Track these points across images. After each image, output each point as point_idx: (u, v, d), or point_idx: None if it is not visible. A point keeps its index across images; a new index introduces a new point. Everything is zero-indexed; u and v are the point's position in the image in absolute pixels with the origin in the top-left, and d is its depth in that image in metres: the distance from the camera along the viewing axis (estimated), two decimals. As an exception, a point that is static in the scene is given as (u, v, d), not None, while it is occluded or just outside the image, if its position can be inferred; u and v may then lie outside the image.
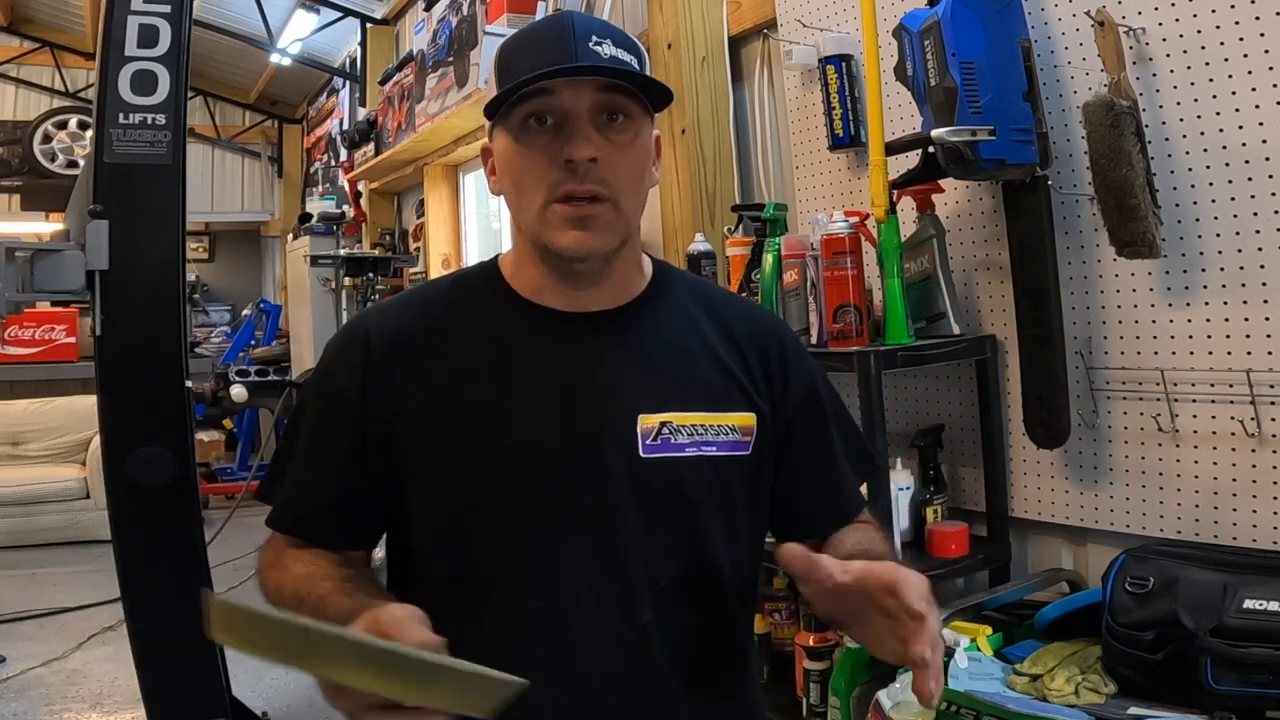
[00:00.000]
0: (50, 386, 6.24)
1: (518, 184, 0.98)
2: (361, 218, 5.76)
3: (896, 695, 1.43)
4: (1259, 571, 1.37)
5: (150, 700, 2.01)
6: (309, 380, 1.11)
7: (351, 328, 1.08)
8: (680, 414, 1.00)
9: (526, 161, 0.97)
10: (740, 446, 1.03)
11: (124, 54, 1.98)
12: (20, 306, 1.98)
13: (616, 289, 1.04)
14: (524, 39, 1.01)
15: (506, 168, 1.00)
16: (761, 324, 1.13)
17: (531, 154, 0.96)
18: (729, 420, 1.03)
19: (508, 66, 0.98)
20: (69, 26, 7.60)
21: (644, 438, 0.99)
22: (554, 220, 0.96)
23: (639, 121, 0.99)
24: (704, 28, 2.58)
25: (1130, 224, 1.51)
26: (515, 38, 1.03)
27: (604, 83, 0.95)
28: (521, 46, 0.99)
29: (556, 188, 0.95)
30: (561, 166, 0.95)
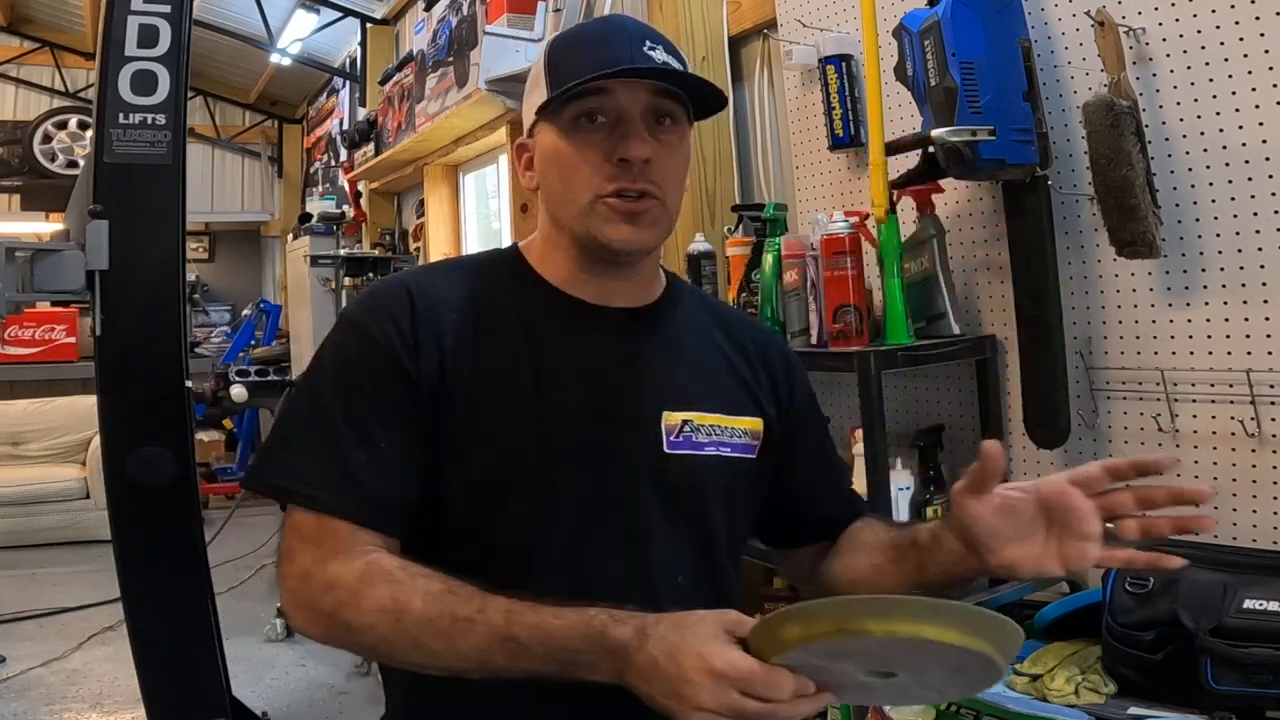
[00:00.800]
0: (50, 386, 6.24)
1: (565, 178, 0.99)
2: (361, 218, 5.76)
3: (896, 695, 1.43)
4: (1259, 571, 1.37)
5: (150, 700, 2.01)
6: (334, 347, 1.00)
7: (389, 290, 1.02)
8: (700, 413, 1.04)
9: (578, 157, 0.98)
10: (749, 450, 1.07)
11: (124, 54, 1.98)
12: (20, 306, 1.99)
13: (641, 288, 1.08)
14: (576, 40, 1.03)
15: (552, 162, 1.01)
16: (764, 335, 1.20)
17: (583, 150, 0.98)
18: (742, 424, 1.07)
19: (560, 65, 1.00)
20: (69, 26, 7.61)
21: (668, 434, 1.01)
22: (604, 214, 0.98)
23: (684, 126, 1.02)
24: (704, 28, 2.59)
25: (1130, 224, 1.51)
26: (566, 38, 1.05)
27: (658, 86, 0.99)
28: (575, 47, 1.01)
29: (608, 185, 0.97)
30: (614, 164, 0.97)
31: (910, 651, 0.74)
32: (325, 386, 0.97)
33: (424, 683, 0.94)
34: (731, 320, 1.17)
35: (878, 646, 0.74)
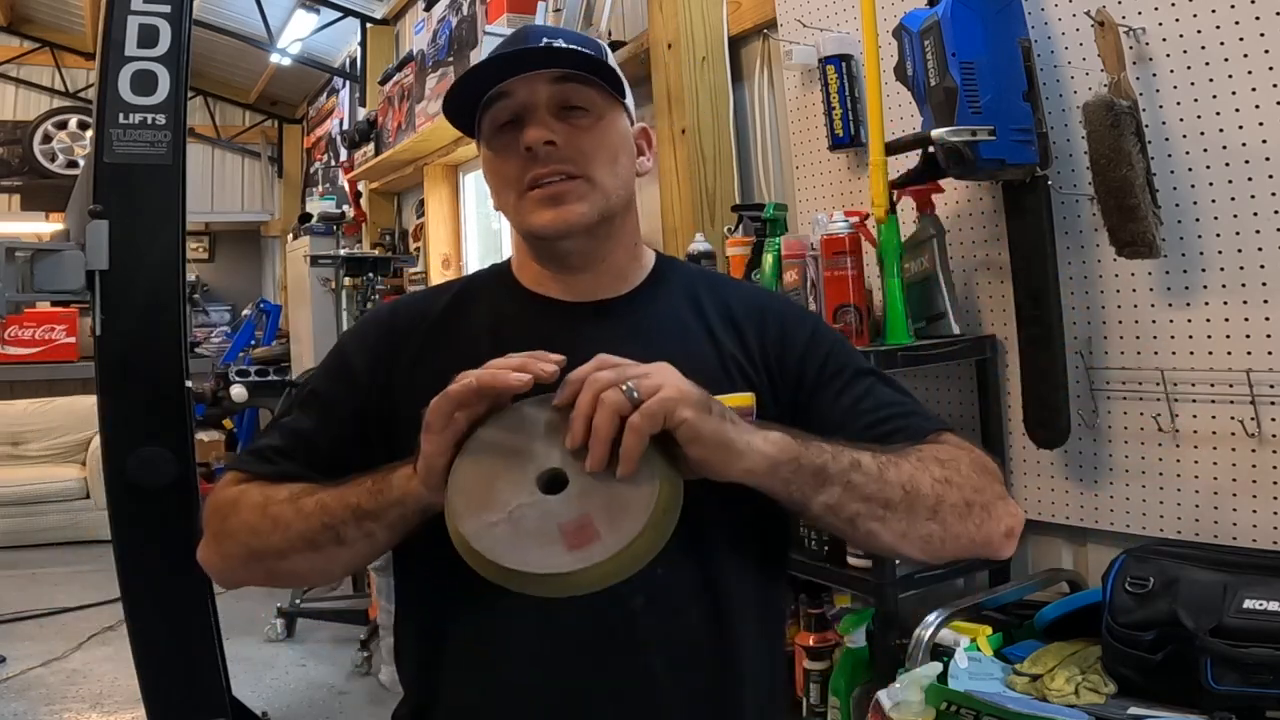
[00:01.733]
0: (50, 386, 6.24)
1: (496, 185, 1.04)
2: (361, 218, 5.76)
3: (896, 695, 1.43)
4: (1259, 571, 1.37)
5: (150, 700, 2.01)
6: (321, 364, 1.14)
7: (374, 314, 1.15)
8: None
9: (499, 161, 1.02)
10: None
11: (124, 54, 1.98)
12: (20, 306, 1.98)
13: (614, 278, 1.07)
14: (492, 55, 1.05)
15: (487, 173, 1.05)
16: (759, 299, 1.13)
17: (501, 153, 1.02)
18: (727, 401, 0.98)
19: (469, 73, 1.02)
20: (69, 26, 7.60)
21: None
22: (528, 206, 1.01)
23: (603, 109, 1.02)
24: (704, 28, 2.58)
25: (1130, 224, 1.51)
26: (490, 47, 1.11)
27: (557, 74, 0.99)
28: (486, 60, 1.03)
29: (524, 175, 1.00)
30: (523, 156, 0.99)
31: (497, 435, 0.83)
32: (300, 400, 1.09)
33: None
34: (727, 290, 1.11)
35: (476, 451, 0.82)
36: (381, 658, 3.27)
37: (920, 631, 1.58)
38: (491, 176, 1.05)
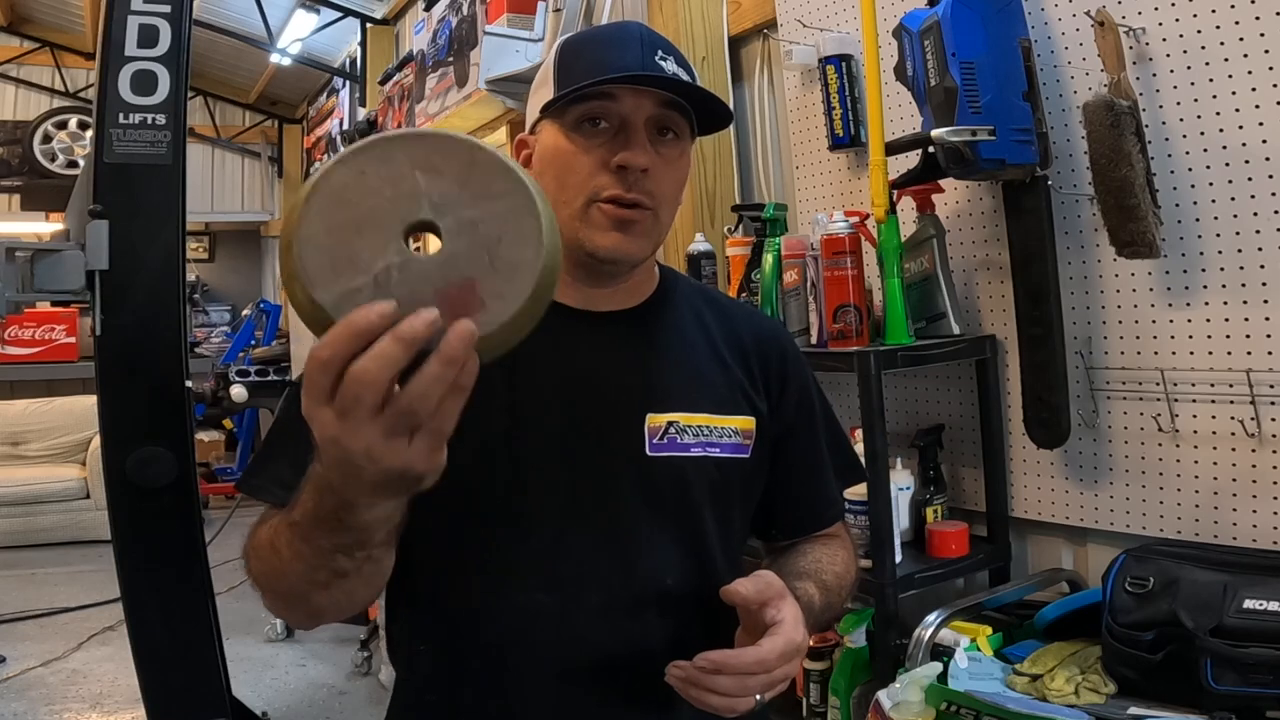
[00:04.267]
0: (50, 386, 6.24)
1: (561, 179, 0.98)
2: (361, 218, 5.76)
3: (896, 695, 1.43)
4: (1259, 571, 1.37)
5: (150, 700, 2.01)
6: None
7: None
8: (687, 414, 1.01)
9: (577, 158, 0.97)
10: (741, 449, 1.05)
11: (124, 54, 1.98)
12: (20, 306, 1.98)
13: (630, 292, 1.06)
14: (588, 42, 1.02)
15: (550, 161, 0.99)
16: (765, 328, 1.16)
17: (582, 153, 0.97)
18: (732, 423, 1.05)
19: (570, 66, 0.98)
20: (69, 26, 7.61)
21: (651, 436, 1.00)
22: (596, 219, 0.97)
23: (685, 141, 1.02)
24: (704, 28, 2.58)
25: (1130, 224, 1.51)
26: (578, 39, 1.03)
27: (664, 97, 0.97)
28: (586, 49, 1.00)
29: (603, 190, 0.96)
30: (612, 170, 0.96)
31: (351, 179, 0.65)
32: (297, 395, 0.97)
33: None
34: (731, 314, 1.14)
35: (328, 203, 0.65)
36: (381, 658, 3.27)
37: (920, 631, 1.58)
38: (554, 166, 0.99)
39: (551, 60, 1.02)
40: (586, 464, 0.98)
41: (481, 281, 0.67)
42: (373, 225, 0.65)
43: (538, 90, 1.03)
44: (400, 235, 0.66)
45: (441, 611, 0.98)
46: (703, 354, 1.07)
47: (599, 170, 0.96)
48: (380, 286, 0.65)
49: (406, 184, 0.66)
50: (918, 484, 1.91)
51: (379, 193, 0.66)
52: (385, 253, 0.65)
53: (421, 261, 0.66)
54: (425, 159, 0.67)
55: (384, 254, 0.65)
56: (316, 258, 0.65)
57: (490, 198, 0.68)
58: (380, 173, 0.66)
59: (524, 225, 0.68)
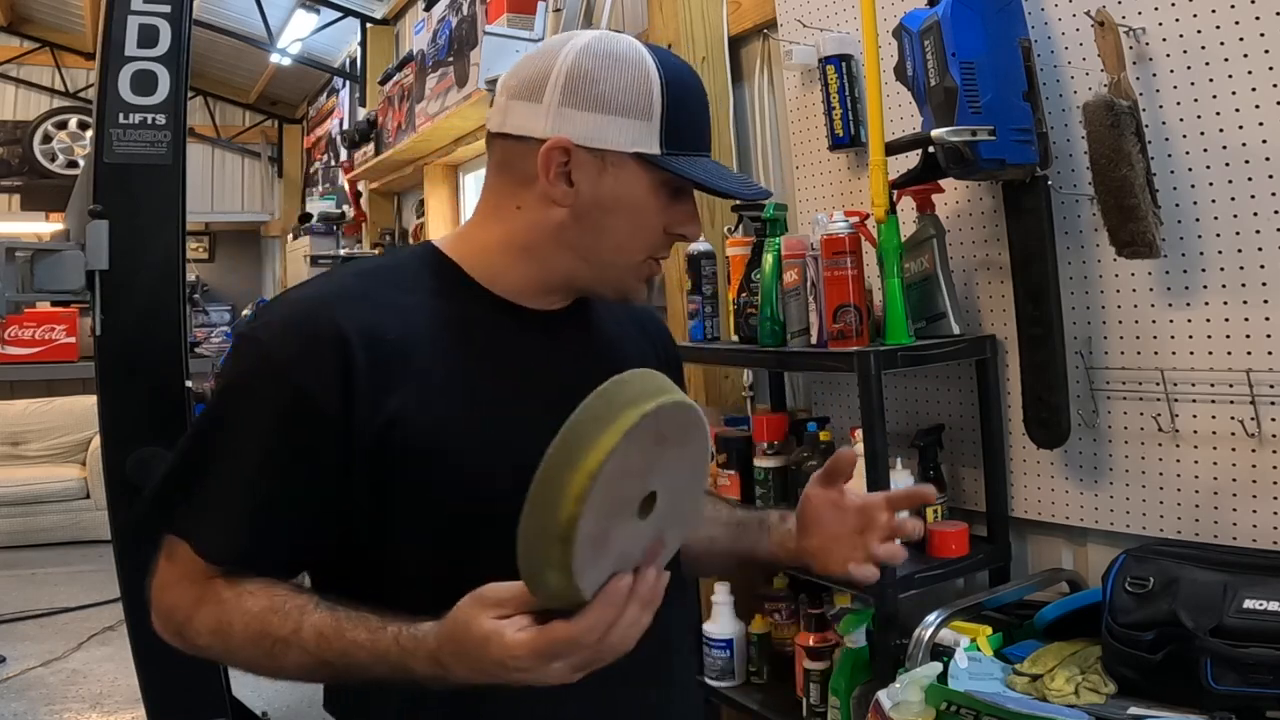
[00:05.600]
0: (50, 386, 6.24)
1: (636, 232, 0.98)
2: (361, 218, 5.76)
3: (896, 695, 1.43)
4: (1259, 571, 1.37)
5: (150, 700, 2.01)
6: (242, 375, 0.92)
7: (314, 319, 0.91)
8: None
9: (654, 219, 0.98)
10: None
11: (124, 54, 1.98)
12: (20, 306, 1.99)
13: None
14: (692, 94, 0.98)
15: (624, 209, 0.96)
16: (653, 315, 1.24)
17: (660, 214, 0.98)
18: None
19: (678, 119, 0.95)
20: (69, 26, 7.60)
21: None
22: (643, 272, 1.01)
23: None
24: (704, 28, 2.58)
25: (1130, 224, 1.51)
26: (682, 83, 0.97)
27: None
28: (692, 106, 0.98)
29: (660, 250, 1.00)
30: (670, 235, 1.00)
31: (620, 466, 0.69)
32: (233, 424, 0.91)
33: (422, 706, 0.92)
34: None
35: (601, 496, 0.68)
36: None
37: (920, 631, 1.58)
38: (631, 218, 0.96)
39: (656, 93, 0.94)
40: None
41: (667, 532, 0.76)
42: (623, 508, 0.71)
43: (623, 114, 0.93)
44: (636, 511, 0.72)
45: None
46: (633, 342, 1.13)
47: (662, 232, 1.00)
48: (619, 559, 0.72)
49: (648, 459, 0.72)
50: (917, 484, 1.91)
51: (632, 475, 0.71)
52: (627, 530, 0.72)
53: (640, 526, 0.73)
54: (660, 433, 0.72)
55: (626, 532, 0.72)
56: (586, 550, 0.68)
57: (685, 446, 0.76)
58: (635, 456, 0.70)
59: (698, 478, 0.79)
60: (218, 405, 0.95)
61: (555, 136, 0.93)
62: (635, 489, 0.71)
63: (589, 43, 0.95)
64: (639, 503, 0.72)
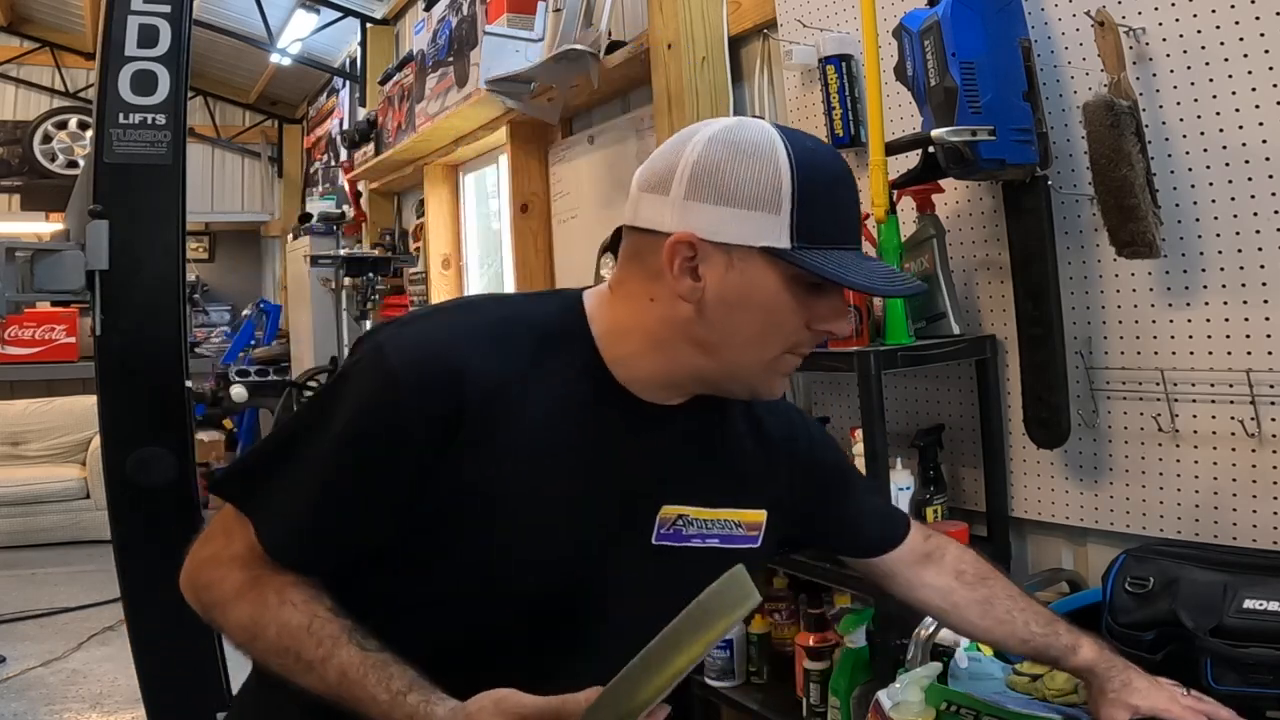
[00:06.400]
0: (50, 386, 6.25)
1: (768, 328, 0.93)
2: (361, 218, 5.76)
3: (896, 695, 1.43)
4: (1259, 571, 1.37)
5: (150, 700, 2.01)
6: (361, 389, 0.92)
7: (444, 357, 0.91)
8: (696, 508, 1.03)
9: (792, 316, 0.93)
10: (749, 540, 1.08)
11: (124, 54, 1.98)
12: (20, 306, 1.99)
13: None
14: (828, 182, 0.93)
15: (759, 305, 0.92)
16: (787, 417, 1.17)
17: (800, 313, 0.93)
18: (737, 516, 1.06)
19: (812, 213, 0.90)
20: (69, 26, 7.60)
21: (659, 527, 1.01)
22: (780, 368, 0.97)
23: None
24: (704, 28, 2.58)
25: (1130, 224, 1.51)
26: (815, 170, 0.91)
27: None
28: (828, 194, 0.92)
29: (800, 346, 0.96)
30: (814, 330, 0.95)
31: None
32: (335, 431, 0.91)
33: None
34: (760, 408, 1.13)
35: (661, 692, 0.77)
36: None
37: (920, 631, 1.58)
38: (766, 316, 0.92)
39: (786, 184, 0.90)
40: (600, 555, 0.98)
41: None
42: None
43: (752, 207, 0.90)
44: None
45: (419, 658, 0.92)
46: (731, 447, 1.08)
47: (801, 328, 0.95)
48: None
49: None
50: (918, 484, 1.91)
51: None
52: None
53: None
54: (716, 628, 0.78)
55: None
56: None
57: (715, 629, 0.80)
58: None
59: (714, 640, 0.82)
60: (330, 402, 0.94)
61: (680, 231, 0.91)
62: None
63: (717, 132, 0.93)
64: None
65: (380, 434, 0.89)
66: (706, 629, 0.77)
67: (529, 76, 2.90)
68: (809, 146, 0.93)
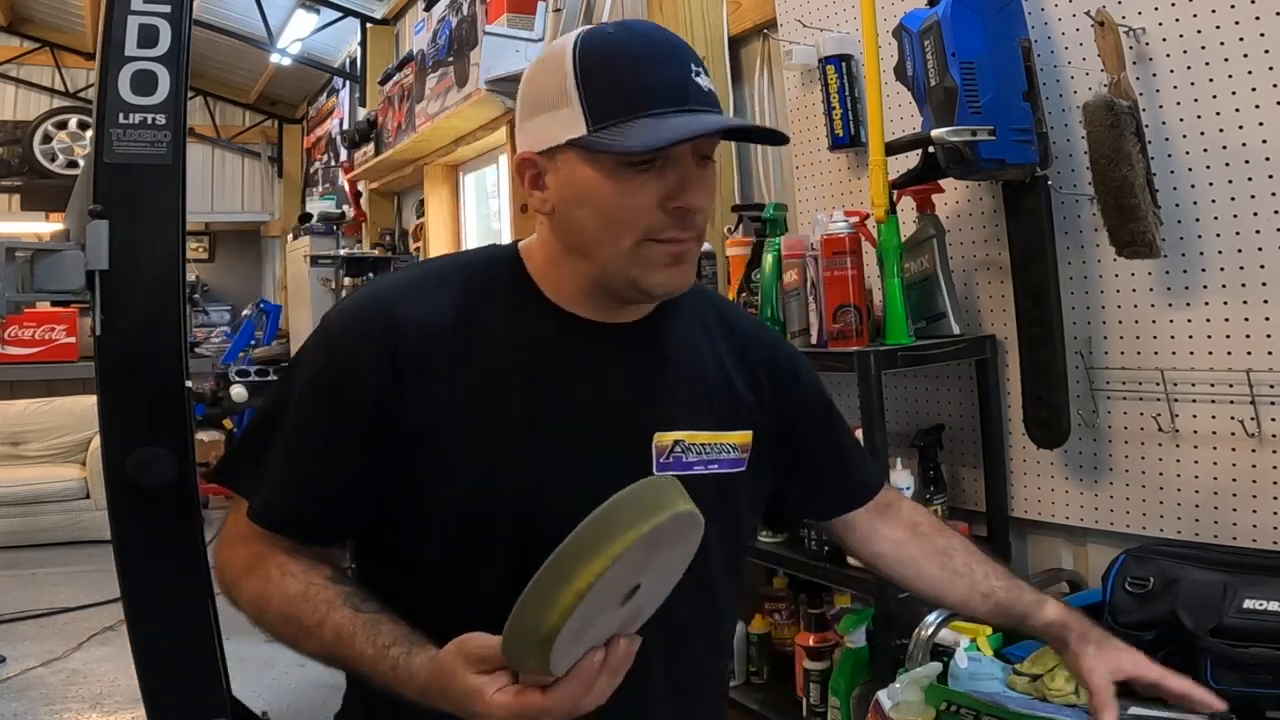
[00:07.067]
0: (50, 386, 6.24)
1: (605, 221, 0.92)
2: (361, 218, 5.76)
3: (896, 695, 1.43)
4: (1259, 571, 1.37)
5: (150, 700, 2.01)
6: (308, 356, 0.99)
7: (372, 310, 0.97)
8: (692, 433, 1.02)
9: (624, 201, 0.91)
10: (738, 463, 1.06)
11: (124, 54, 1.98)
12: (20, 306, 1.98)
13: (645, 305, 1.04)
14: (615, 55, 0.91)
15: (585, 200, 0.92)
16: (769, 343, 1.16)
17: (631, 195, 0.91)
18: (730, 439, 1.05)
19: (599, 90, 0.89)
20: (69, 26, 7.60)
21: (658, 455, 1.00)
22: (651, 258, 0.93)
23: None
24: (704, 28, 2.59)
25: (1130, 224, 1.51)
26: (599, 48, 0.91)
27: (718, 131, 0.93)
28: (615, 66, 0.90)
29: (659, 231, 0.92)
30: (669, 211, 0.91)
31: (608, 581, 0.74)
32: (295, 397, 0.98)
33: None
34: (735, 324, 1.12)
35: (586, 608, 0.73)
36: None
37: (920, 631, 1.58)
38: (594, 204, 0.91)
39: (570, 75, 0.91)
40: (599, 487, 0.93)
41: (647, 604, 0.82)
42: (606, 605, 0.76)
43: (548, 107, 0.93)
44: (619, 604, 0.78)
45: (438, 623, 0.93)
46: (710, 366, 1.06)
47: (651, 210, 0.91)
48: (595, 639, 0.78)
49: (640, 565, 0.76)
50: (918, 484, 1.91)
51: (620, 582, 0.76)
52: (607, 617, 0.77)
53: (620, 610, 0.78)
54: (655, 542, 0.76)
55: (606, 618, 0.77)
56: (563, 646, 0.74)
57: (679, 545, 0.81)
58: (624, 570, 0.75)
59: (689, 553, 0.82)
60: (289, 378, 1.01)
61: (520, 152, 0.97)
62: (621, 589, 0.77)
63: (537, 55, 0.96)
64: (623, 595, 0.78)
65: (329, 386, 0.96)
66: (605, 544, 0.72)
67: (529, 76, 2.90)
68: (603, 32, 0.93)
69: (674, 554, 0.81)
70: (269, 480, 0.97)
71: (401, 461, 0.95)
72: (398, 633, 0.87)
